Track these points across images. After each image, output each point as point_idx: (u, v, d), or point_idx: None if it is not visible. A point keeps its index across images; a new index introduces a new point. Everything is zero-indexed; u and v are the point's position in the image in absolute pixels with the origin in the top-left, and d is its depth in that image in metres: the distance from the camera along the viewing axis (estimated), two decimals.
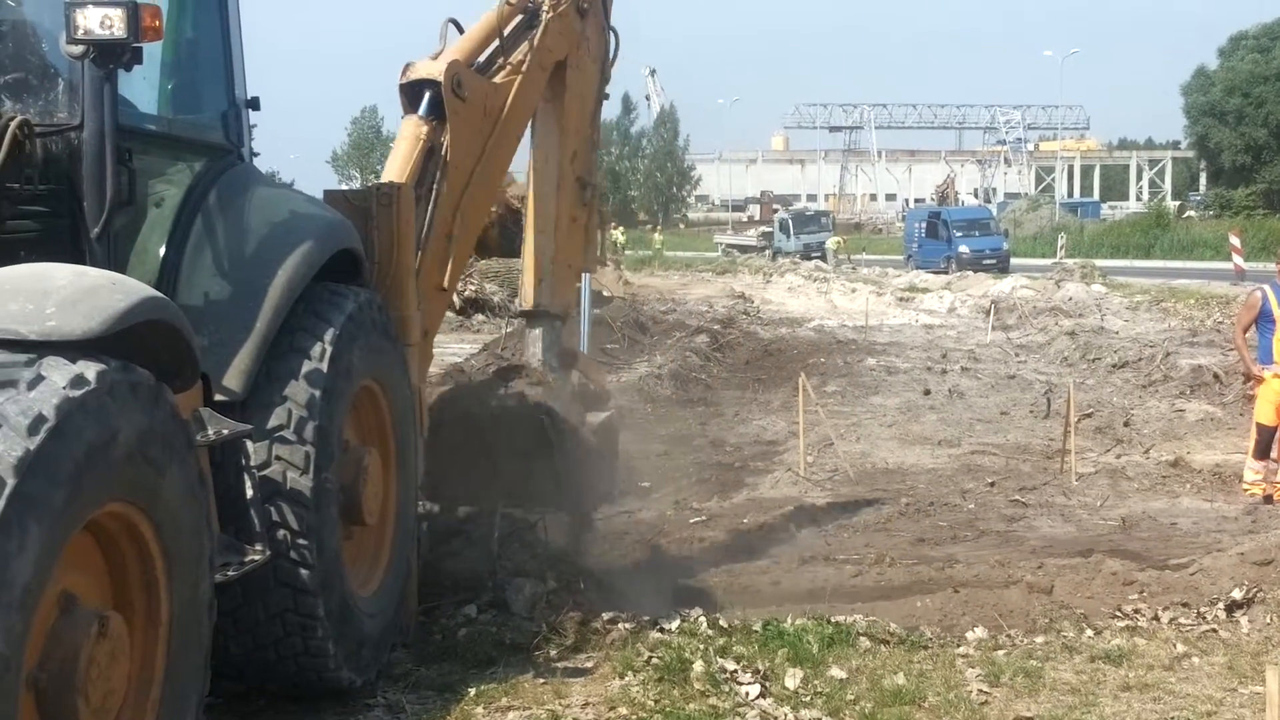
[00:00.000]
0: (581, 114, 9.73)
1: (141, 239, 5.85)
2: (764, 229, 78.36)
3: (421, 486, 7.77)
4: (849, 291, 39.25)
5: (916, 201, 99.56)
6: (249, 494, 5.47)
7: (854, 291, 38.91)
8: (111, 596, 4.60)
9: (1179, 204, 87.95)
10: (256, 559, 5.43)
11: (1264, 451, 11.93)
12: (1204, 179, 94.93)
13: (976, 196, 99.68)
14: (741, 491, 13.02)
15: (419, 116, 7.86)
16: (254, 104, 6.85)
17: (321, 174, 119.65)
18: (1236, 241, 44.14)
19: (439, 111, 7.85)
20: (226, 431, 5.37)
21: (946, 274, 48.47)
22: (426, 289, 7.97)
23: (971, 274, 46.37)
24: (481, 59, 8.37)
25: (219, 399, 5.74)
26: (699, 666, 6.74)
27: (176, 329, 4.96)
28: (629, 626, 7.56)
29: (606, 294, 32.24)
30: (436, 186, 7.87)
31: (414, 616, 7.50)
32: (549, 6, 8.89)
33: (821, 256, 59.06)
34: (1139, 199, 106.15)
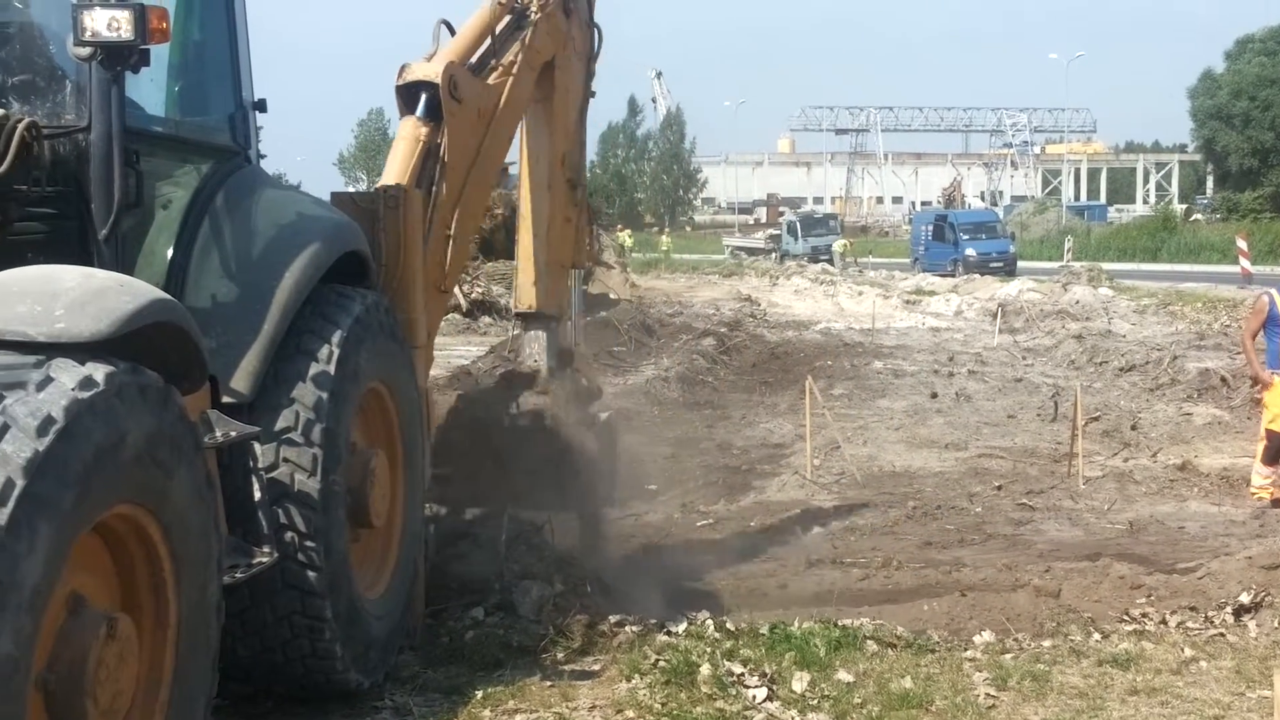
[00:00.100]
0: (569, 113, 9.74)
1: (149, 241, 5.85)
2: (772, 231, 78.31)
3: (428, 489, 7.78)
4: (856, 294, 39.21)
5: (923, 204, 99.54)
6: (257, 496, 5.46)
7: (861, 294, 38.86)
8: (120, 598, 4.59)
9: (1186, 207, 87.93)
10: (264, 561, 5.43)
11: (1273, 457, 11.89)
12: (1211, 182, 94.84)
13: (983, 199, 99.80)
14: (748, 494, 13.00)
15: (417, 118, 7.85)
16: (261, 106, 6.84)
17: (328, 176, 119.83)
18: (1243, 245, 44.16)
19: (436, 113, 7.84)
20: (234, 433, 5.36)
21: (953, 277, 48.49)
22: (427, 290, 7.97)
23: (978, 277, 46.38)
24: (473, 60, 8.37)
25: (226, 401, 5.73)
26: (706, 669, 6.74)
27: (184, 331, 4.96)
28: (636, 629, 7.56)
29: (613, 296, 32.21)
30: (435, 188, 7.87)
31: (421, 619, 7.50)
32: (536, 7, 8.90)
33: (829, 259, 59.03)
34: (1146, 202, 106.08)
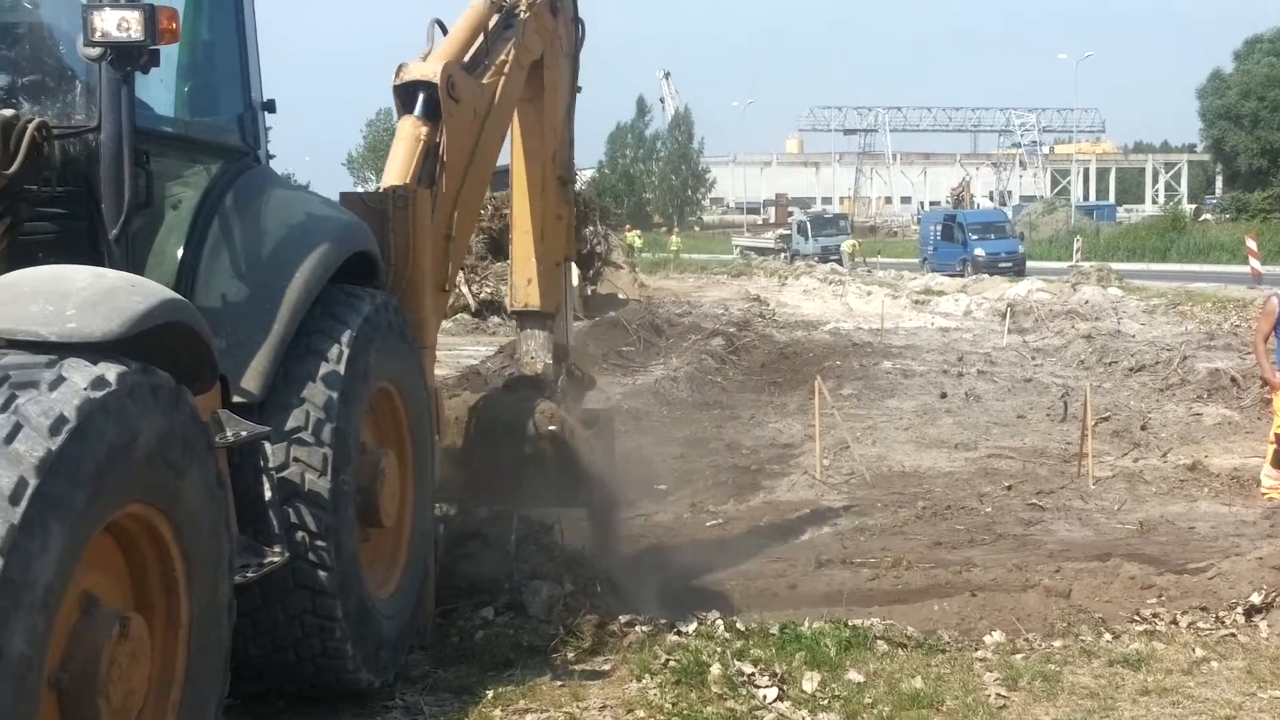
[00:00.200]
0: (557, 111, 9.77)
1: (159, 241, 5.85)
2: (782, 231, 78.27)
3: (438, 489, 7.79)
4: (864, 294, 39.17)
5: (932, 204, 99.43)
6: (267, 496, 5.47)
7: (869, 294, 38.82)
8: (132, 598, 4.60)
9: (1195, 207, 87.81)
10: (275, 560, 5.43)
11: None
12: (1220, 182, 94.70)
13: (992, 199, 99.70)
14: (758, 494, 13.00)
15: (416, 117, 7.85)
16: (270, 106, 6.85)
17: (337, 176, 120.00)
18: (1253, 245, 44.07)
19: (434, 112, 7.83)
20: (245, 433, 5.37)
21: (962, 277, 48.41)
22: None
23: (987, 277, 46.31)
24: (466, 59, 8.38)
25: (237, 401, 5.74)
26: (716, 669, 6.73)
27: (195, 331, 4.96)
28: (646, 629, 7.56)
29: (622, 296, 32.24)
30: (434, 187, 7.89)
31: (431, 618, 7.50)
32: (525, 5, 8.90)
33: (838, 259, 59.02)
34: (1155, 202, 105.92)
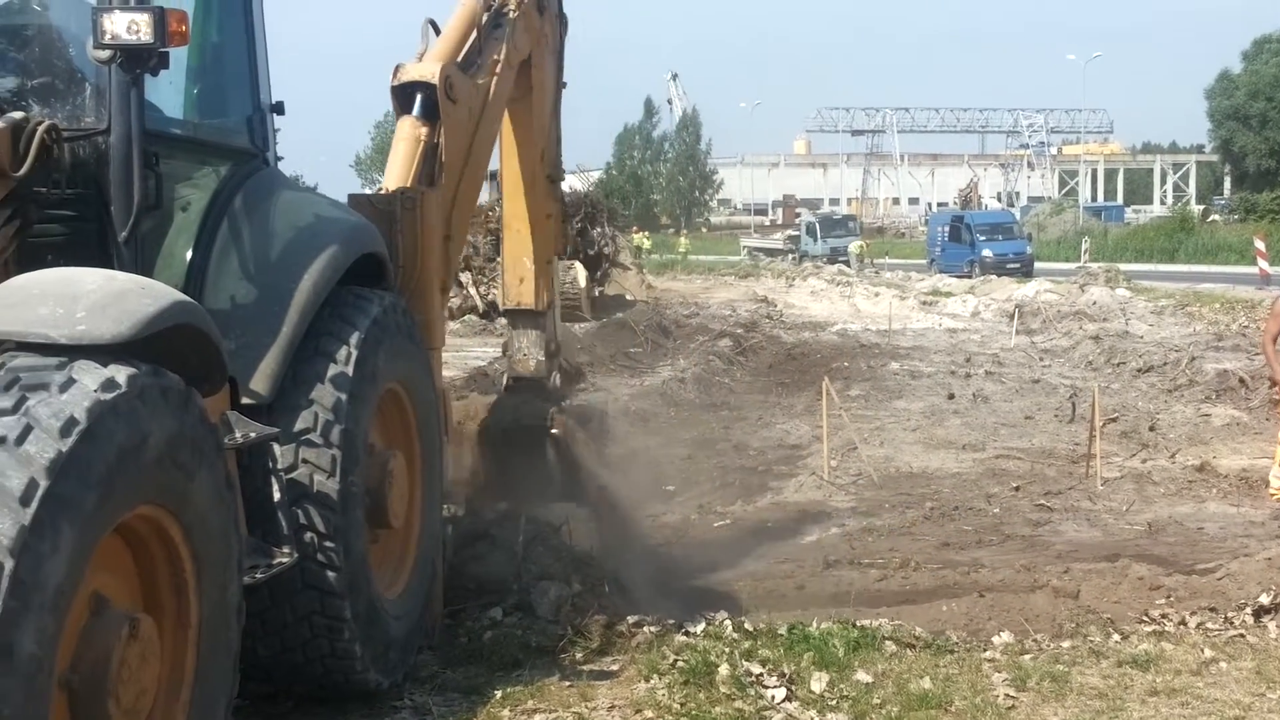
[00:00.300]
0: (545, 110, 9.80)
1: (168, 243, 5.87)
2: (791, 232, 78.21)
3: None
4: (872, 295, 39.17)
5: (939, 205, 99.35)
6: (276, 497, 5.48)
7: (877, 295, 38.82)
8: (142, 599, 4.61)
9: (1203, 208, 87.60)
10: (284, 561, 5.44)
11: None
12: (1228, 183, 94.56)
13: (1000, 200, 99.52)
14: (765, 495, 13.01)
15: (415, 118, 7.86)
16: (279, 108, 6.86)
17: (345, 178, 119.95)
18: (1261, 245, 43.99)
19: (432, 113, 7.84)
20: (254, 435, 5.39)
21: (970, 278, 48.41)
22: None
23: (995, 278, 46.30)
24: (459, 59, 8.40)
25: (246, 402, 5.76)
26: (724, 670, 6.73)
27: (204, 333, 4.97)
28: (654, 630, 7.56)
29: (629, 297, 32.26)
30: (433, 188, 7.92)
31: (440, 619, 7.51)
32: (514, 5, 8.90)
33: (846, 260, 59.00)
34: (1163, 203, 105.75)
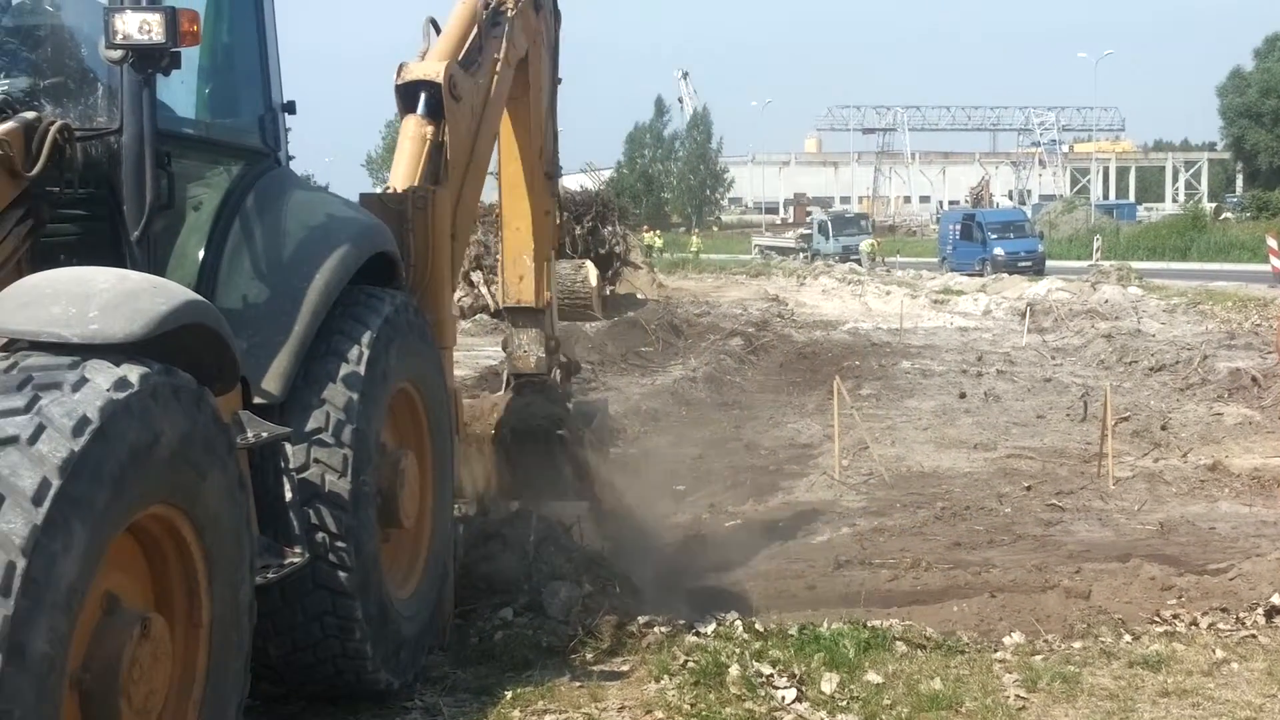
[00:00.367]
0: (541, 107, 9.80)
1: (180, 242, 5.88)
2: (803, 231, 78.11)
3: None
4: (883, 294, 39.11)
5: (951, 204, 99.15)
6: (288, 497, 5.50)
7: (888, 294, 38.76)
8: (153, 598, 4.62)
9: (1215, 206, 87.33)
10: (295, 561, 5.45)
11: None
12: (1240, 180, 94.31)
13: (1011, 198, 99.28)
14: (776, 495, 13.01)
15: (420, 117, 7.86)
16: (290, 108, 6.87)
17: (357, 177, 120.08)
18: (1274, 243, 43.79)
19: (436, 112, 7.85)
20: (266, 434, 5.39)
21: (981, 276, 48.26)
22: None
23: (1007, 276, 46.13)
24: (459, 57, 8.40)
25: (258, 402, 5.77)
26: (735, 670, 6.73)
27: (217, 332, 4.97)
28: (665, 630, 7.56)
29: (640, 296, 32.24)
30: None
31: (451, 619, 7.52)
32: (511, 4, 8.91)
33: (858, 259, 58.93)
34: (1175, 201, 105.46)
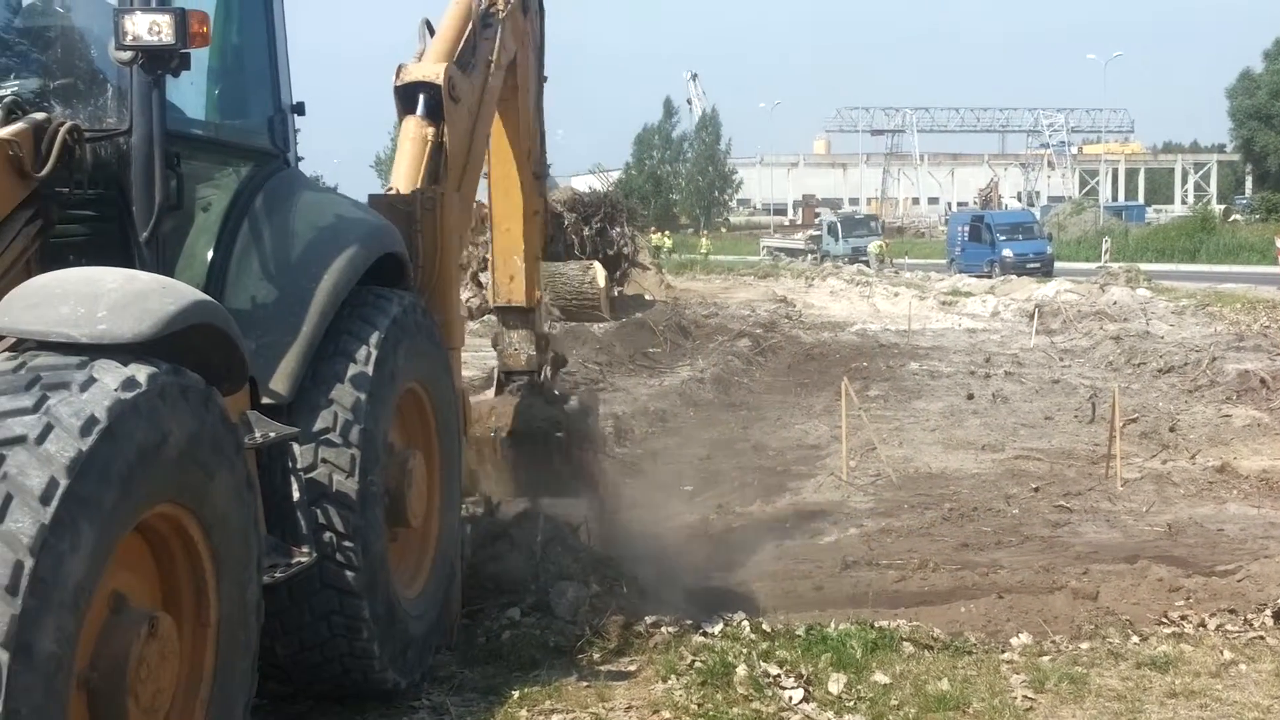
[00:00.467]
0: (529, 108, 9.82)
1: (189, 243, 5.90)
2: (812, 232, 78.11)
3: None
4: (891, 295, 39.11)
5: (959, 205, 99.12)
6: (295, 496, 5.50)
7: (896, 296, 38.76)
8: (161, 597, 4.63)
9: (1224, 207, 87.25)
10: (303, 561, 5.46)
11: None
12: (1250, 182, 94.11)
13: (1020, 200, 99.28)
14: (784, 496, 13.00)
15: (420, 118, 7.86)
16: (299, 109, 6.89)
17: (365, 178, 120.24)
18: None
19: (435, 113, 7.85)
20: (274, 434, 5.41)
21: (990, 278, 48.26)
22: None
23: (1015, 278, 46.16)
24: (454, 58, 8.41)
25: (266, 402, 5.78)
26: (742, 671, 6.73)
27: (225, 333, 4.99)
28: (672, 630, 7.57)
29: (648, 297, 32.28)
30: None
31: (458, 619, 7.52)
32: (501, 5, 8.91)
33: (866, 261, 58.93)
34: (1184, 202, 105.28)
